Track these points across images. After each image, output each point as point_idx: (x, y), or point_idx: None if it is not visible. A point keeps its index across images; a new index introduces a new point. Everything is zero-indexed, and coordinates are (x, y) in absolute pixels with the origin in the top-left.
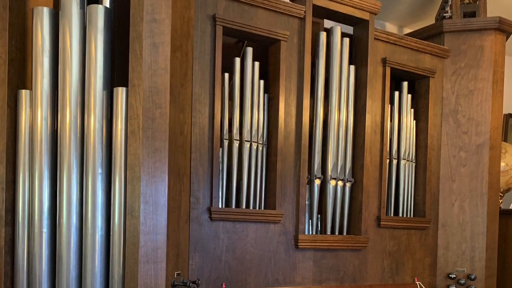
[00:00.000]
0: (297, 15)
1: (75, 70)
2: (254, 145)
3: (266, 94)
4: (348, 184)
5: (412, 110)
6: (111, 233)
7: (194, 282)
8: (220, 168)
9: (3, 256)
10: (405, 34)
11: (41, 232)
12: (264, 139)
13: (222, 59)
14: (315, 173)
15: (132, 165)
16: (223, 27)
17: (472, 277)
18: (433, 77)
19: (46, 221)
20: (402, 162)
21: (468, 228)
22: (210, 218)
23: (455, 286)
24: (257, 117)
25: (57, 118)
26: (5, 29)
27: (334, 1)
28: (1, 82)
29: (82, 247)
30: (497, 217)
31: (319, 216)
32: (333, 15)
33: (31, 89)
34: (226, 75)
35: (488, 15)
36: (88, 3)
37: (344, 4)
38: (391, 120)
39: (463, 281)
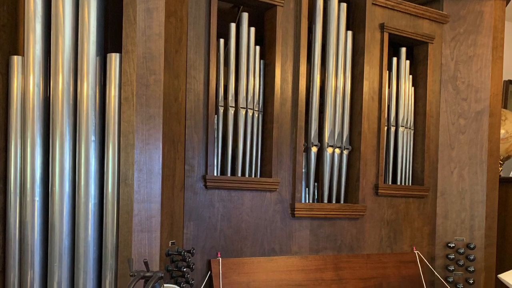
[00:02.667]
0: None
1: (67, 36)
2: (250, 112)
3: (262, 60)
4: (345, 152)
5: (411, 76)
6: (104, 202)
7: (188, 252)
8: (215, 136)
9: None
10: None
11: (33, 200)
12: (260, 106)
13: (217, 25)
14: (312, 140)
15: (125, 132)
16: None
17: (472, 246)
18: (432, 43)
19: (38, 189)
20: (400, 129)
21: (468, 197)
22: (205, 186)
23: (454, 255)
24: (253, 83)
25: (49, 84)
26: None
27: None
28: None
29: (75, 215)
30: (496, 185)
31: (316, 184)
32: None
33: (23, 55)
34: (222, 41)
35: None
36: None
37: None
38: (389, 87)
39: (462, 250)
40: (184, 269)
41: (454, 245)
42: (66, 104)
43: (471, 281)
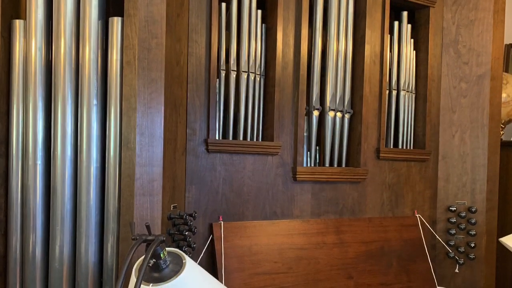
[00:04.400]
0: None
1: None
2: (252, 76)
3: (263, 24)
4: (347, 116)
5: (412, 40)
6: (106, 166)
7: (190, 215)
8: (217, 100)
9: None
10: None
11: (35, 164)
12: (262, 69)
13: None
14: (314, 104)
15: (127, 96)
16: None
17: (473, 209)
18: (433, 7)
19: (40, 153)
20: (402, 93)
21: (469, 160)
22: (207, 150)
23: (455, 218)
24: (254, 47)
25: (51, 48)
26: None
27: None
28: None
29: (77, 179)
30: (498, 149)
31: (317, 148)
32: None
33: (25, 19)
34: (223, 4)
35: None
36: None
37: None
38: (390, 51)
39: (464, 214)
40: (186, 233)
41: (455, 208)
42: (68, 68)
43: (472, 245)
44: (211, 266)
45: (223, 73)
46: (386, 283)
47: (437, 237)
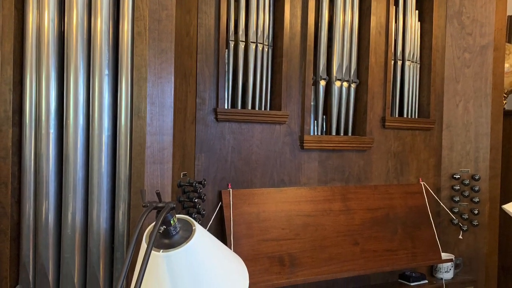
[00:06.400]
0: None
1: None
2: (260, 47)
3: None
4: (353, 85)
5: (417, 11)
6: (117, 134)
7: (200, 183)
8: (226, 70)
9: (11, 156)
10: None
11: (48, 133)
12: (270, 40)
13: None
14: (320, 74)
15: (138, 66)
16: None
17: (476, 177)
18: None
19: (53, 122)
20: (407, 63)
21: (472, 129)
22: (216, 119)
23: (459, 186)
24: (262, 18)
25: (64, 20)
26: None
27: None
28: None
29: (89, 148)
30: (501, 118)
31: (324, 117)
32: None
33: None
34: None
35: None
36: None
37: None
38: (395, 22)
39: (467, 181)
40: (196, 200)
41: (459, 176)
42: (80, 39)
43: (476, 212)
44: (220, 233)
45: (232, 44)
46: (391, 249)
47: (441, 204)
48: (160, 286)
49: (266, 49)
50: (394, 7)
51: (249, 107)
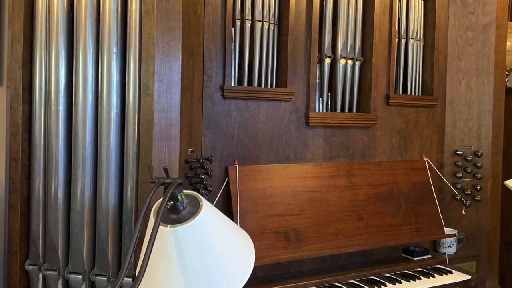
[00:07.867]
0: None
1: None
2: (266, 25)
3: None
4: (357, 63)
5: None
6: (126, 111)
7: (207, 159)
8: (233, 48)
9: (21, 133)
10: None
11: (57, 109)
12: (276, 19)
13: None
14: (326, 52)
15: (146, 44)
16: None
17: (479, 153)
18: None
19: (62, 99)
20: (411, 41)
21: (475, 106)
22: (223, 96)
23: (462, 162)
24: None
25: None
26: None
27: None
28: None
29: (97, 124)
30: (503, 95)
31: (329, 94)
32: None
33: None
34: None
35: None
36: None
37: None
38: (399, 0)
39: (470, 158)
40: (203, 176)
41: (462, 152)
42: (89, 17)
43: (478, 187)
44: (227, 208)
45: (238, 22)
46: (395, 224)
47: (444, 180)
48: (168, 261)
49: (272, 28)
50: None
51: (255, 85)
